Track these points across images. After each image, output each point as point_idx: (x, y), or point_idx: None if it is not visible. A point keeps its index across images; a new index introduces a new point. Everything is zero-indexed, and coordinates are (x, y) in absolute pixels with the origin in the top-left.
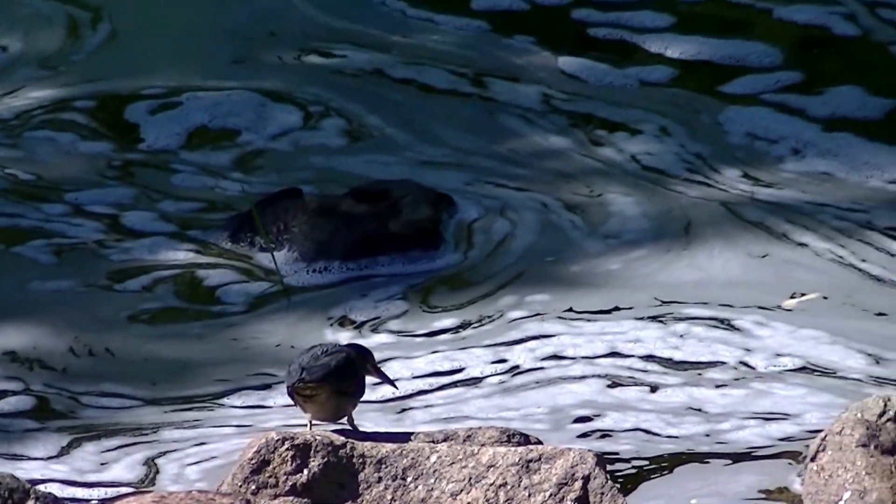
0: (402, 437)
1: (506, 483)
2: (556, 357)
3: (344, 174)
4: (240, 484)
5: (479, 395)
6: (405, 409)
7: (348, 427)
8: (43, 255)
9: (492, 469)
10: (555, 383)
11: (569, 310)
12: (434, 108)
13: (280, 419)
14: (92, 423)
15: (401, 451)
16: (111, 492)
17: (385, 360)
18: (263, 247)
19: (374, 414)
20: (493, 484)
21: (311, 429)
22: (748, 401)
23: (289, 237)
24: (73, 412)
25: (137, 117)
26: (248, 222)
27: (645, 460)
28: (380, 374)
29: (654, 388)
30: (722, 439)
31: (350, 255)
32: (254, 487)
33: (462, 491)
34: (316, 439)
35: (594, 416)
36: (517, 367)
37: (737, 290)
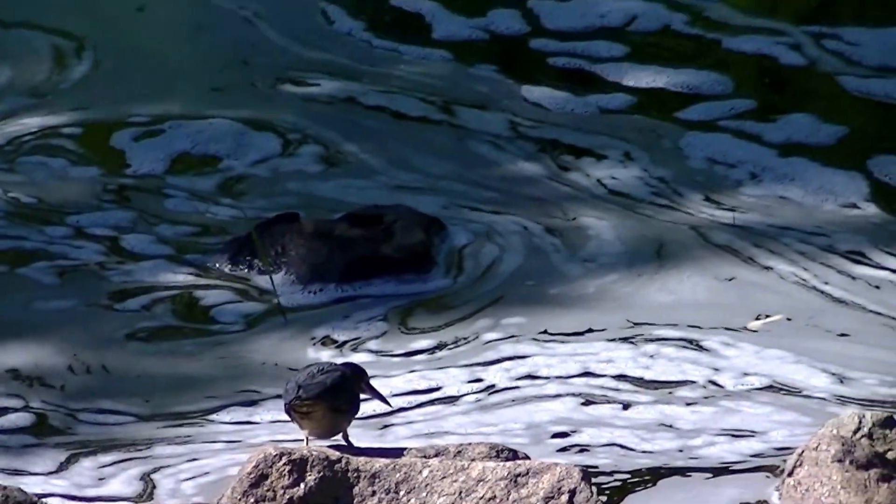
0: (395, 452)
1: (495, 496)
2: (531, 377)
3: (322, 199)
4: (239, 497)
5: (457, 413)
6: (387, 426)
7: (343, 443)
8: (46, 276)
9: (481, 483)
10: (530, 401)
11: (543, 332)
12: (406, 135)
13: (267, 434)
14: (88, 439)
15: (394, 466)
16: None
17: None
18: (262, 269)
19: (356, 430)
20: (482, 497)
21: (307, 444)
22: (717, 418)
23: (286, 260)
24: (70, 428)
25: (123, 144)
26: (247, 245)
27: (626, 474)
28: (373, 391)
29: (626, 406)
30: (694, 455)
31: (345, 277)
32: (252, 501)
33: None
34: (312, 454)
35: (571, 431)
36: (493, 385)
37: (705, 312)
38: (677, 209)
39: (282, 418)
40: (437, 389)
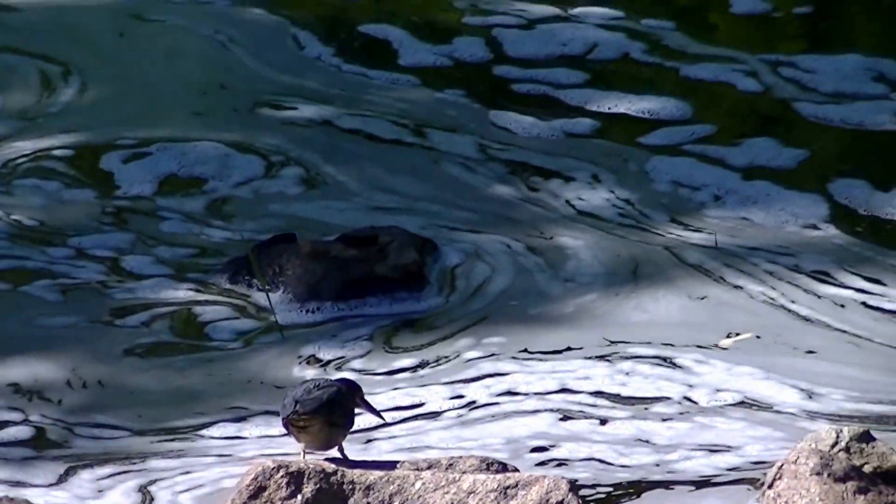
0: (388, 465)
1: None
2: (510, 393)
3: (305, 220)
4: None
5: (438, 428)
6: (370, 440)
7: (339, 456)
8: (49, 294)
9: (472, 495)
10: (510, 417)
11: (523, 350)
12: (382, 157)
13: (256, 449)
14: (85, 452)
15: (387, 478)
16: None
17: None
18: (260, 288)
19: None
20: None
21: (304, 457)
22: (693, 433)
23: (283, 279)
24: (67, 442)
25: (112, 166)
26: (245, 265)
27: (608, 487)
28: (368, 406)
29: (603, 421)
30: (671, 469)
31: (340, 296)
32: None
33: None
34: (309, 467)
35: (549, 446)
36: (474, 402)
37: (678, 330)
38: (647, 230)
39: (270, 433)
40: (420, 406)
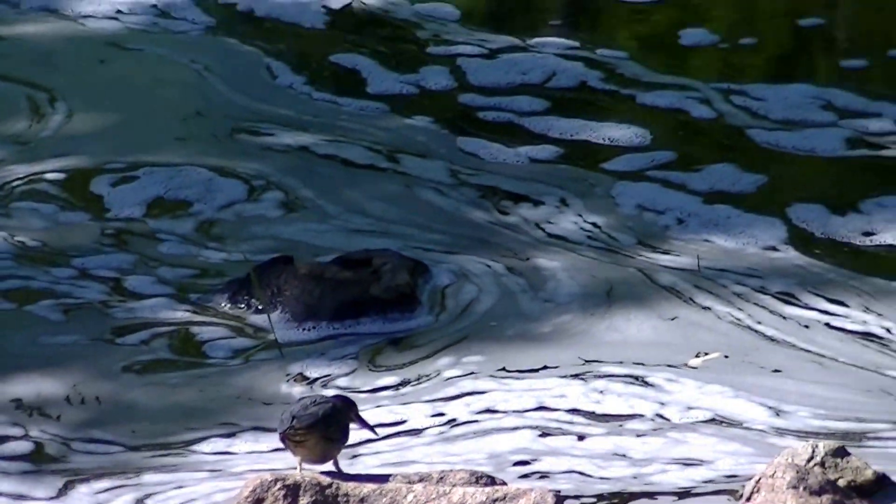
0: (381, 478)
1: None
2: (490, 411)
3: (286, 242)
4: None
5: (422, 444)
6: (356, 456)
7: (334, 469)
8: (52, 313)
9: None
10: (490, 433)
11: (501, 369)
12: (357, 182)
13: (245, 464)
14: (81, 466)
15: (380, 491)
16: None
17: None
18: (259, 308)
19: None
20: None
21: (300, 470)
22: (667, 448)
23: (282, 299)
24: (65, 456)
25: (102, 189)
26: (245, 286)
27: (591, 498)
28: (362, 422)
29: (581, 437)
30: (648, 481)
31: (336, 315)
32: None
33: None
34: (305, 480)
35: (531, 460)
36: (454, 419)
37: (649, 350)
38: (616, 252)
39: (259, 449)
40: (403, 422)
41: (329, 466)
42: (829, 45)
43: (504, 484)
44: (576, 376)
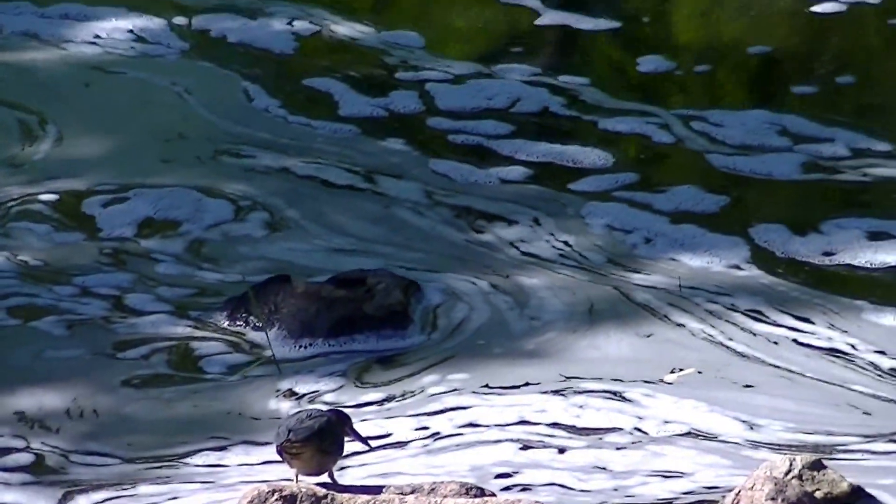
0: (374, 489)
1: None
2: (472, 425)
3: (272, 261)
4: None
5: (406, 456)
6: (343, 468)
7: (329, 480)
8: (56, 329)
9: None
10: (473, 446)
11: (485, 385)
12: (337, 202)
13: (237, 476)
14: (79, 478)
15: (374, 502)
16: None
17: None
18: (256, 325)
19: None
20: None
21: (296, 482)
22: (646, 461)
23: (278, 317)
24: (64, 468)
25: (94, 210)
26: (243, 303)
27: None
28: (357, 435)
29: (561, 450)
30: (630, 493)
31: (331, 333)
32: None
33: None
34: (301, 491)
35: (513, 472)
36: (438, 433)
37: (626, 366)
38: (590, 270)
39: (249, 461)
40: (388, 436)
41: (324, 478)
42: (780, 72)
43: (493, 495)
44: (556, 392)
